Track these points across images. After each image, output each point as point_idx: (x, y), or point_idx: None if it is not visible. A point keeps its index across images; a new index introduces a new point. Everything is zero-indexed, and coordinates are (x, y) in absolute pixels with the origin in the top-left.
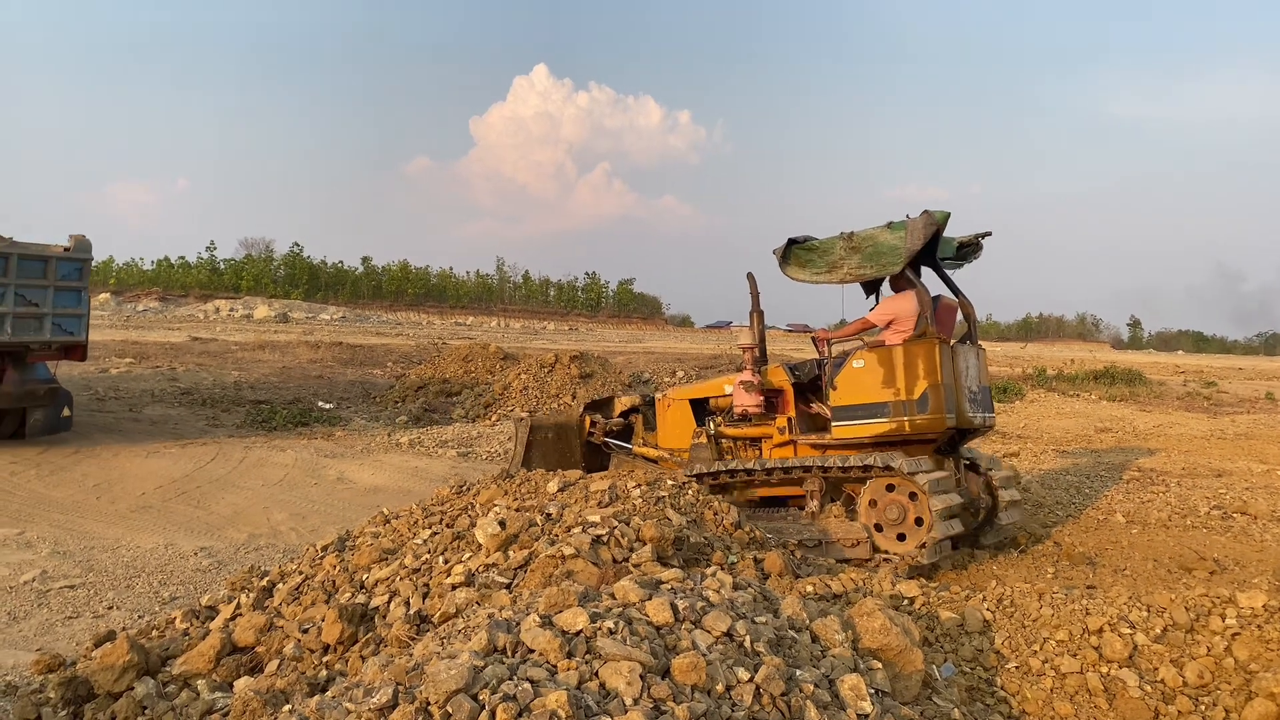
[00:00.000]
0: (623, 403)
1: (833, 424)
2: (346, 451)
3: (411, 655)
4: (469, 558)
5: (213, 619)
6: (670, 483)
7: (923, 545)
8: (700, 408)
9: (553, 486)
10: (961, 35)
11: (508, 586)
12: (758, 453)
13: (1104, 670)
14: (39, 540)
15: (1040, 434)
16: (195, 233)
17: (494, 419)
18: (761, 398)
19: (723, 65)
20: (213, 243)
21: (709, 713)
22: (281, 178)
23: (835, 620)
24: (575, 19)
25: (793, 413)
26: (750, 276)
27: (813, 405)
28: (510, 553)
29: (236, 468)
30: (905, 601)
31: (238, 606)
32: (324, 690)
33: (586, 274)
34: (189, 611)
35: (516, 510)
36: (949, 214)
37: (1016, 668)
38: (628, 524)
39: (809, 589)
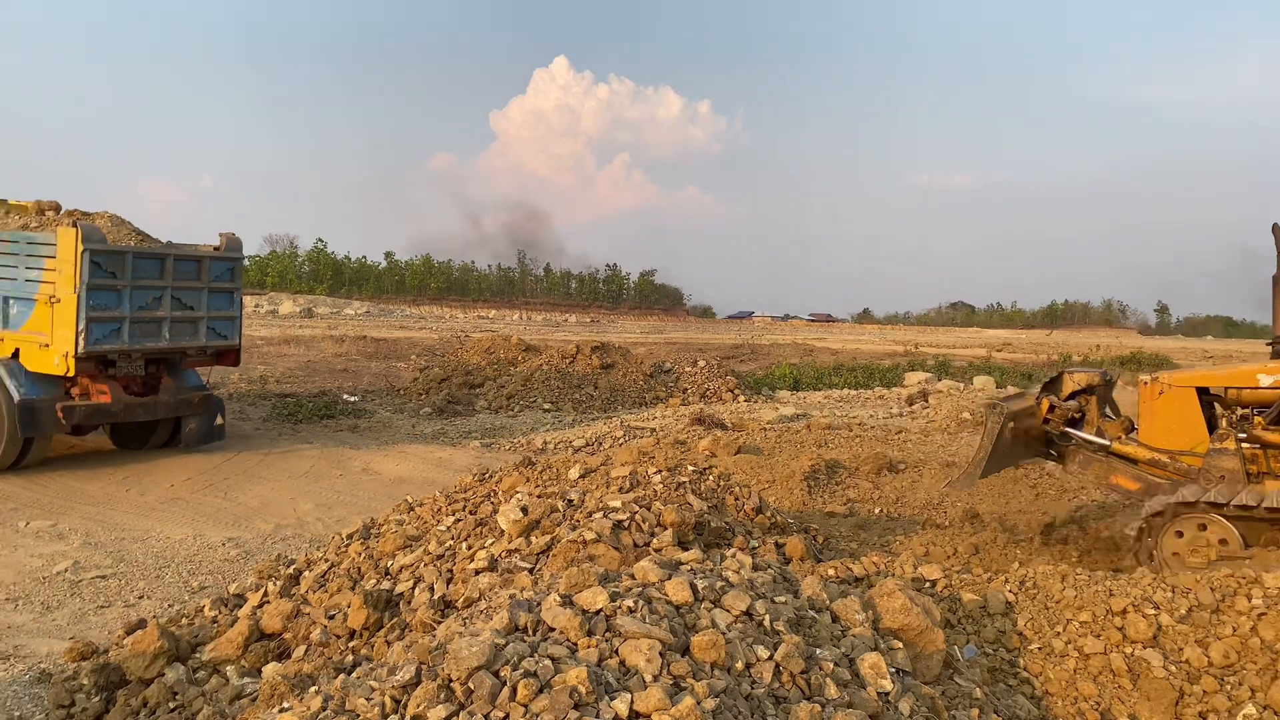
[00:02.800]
0: (1075, 380)
1: None
2: (371, 443)
3: (435, 636)
4: (492, 544)
5: (241, 607)
6: (691, 468)
7: None
8: (1205, 399)
9: (574, 473)
10: (983, 20)
11: (530, 571)
12: None
13: (1128, 651)
14: (71, 532)
15: None
16: (220, 229)
17: (517, 410)
18: None
19: (743, 54)
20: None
21: (729, 689)
22: (305, 175)
23: (855, 601)
24: (595, 10)
25: None
26: (1276, 228)
27: None
28: (532, 538)
29: (263, 460)
30: (927, 584)
31: (265, 594)
32: (350, 674)
33: (607, 266)
34: (217, 600)
35: (538, 497)
36: None
37: (1039, 649)
38: (648, 509)
39: (830, 572)
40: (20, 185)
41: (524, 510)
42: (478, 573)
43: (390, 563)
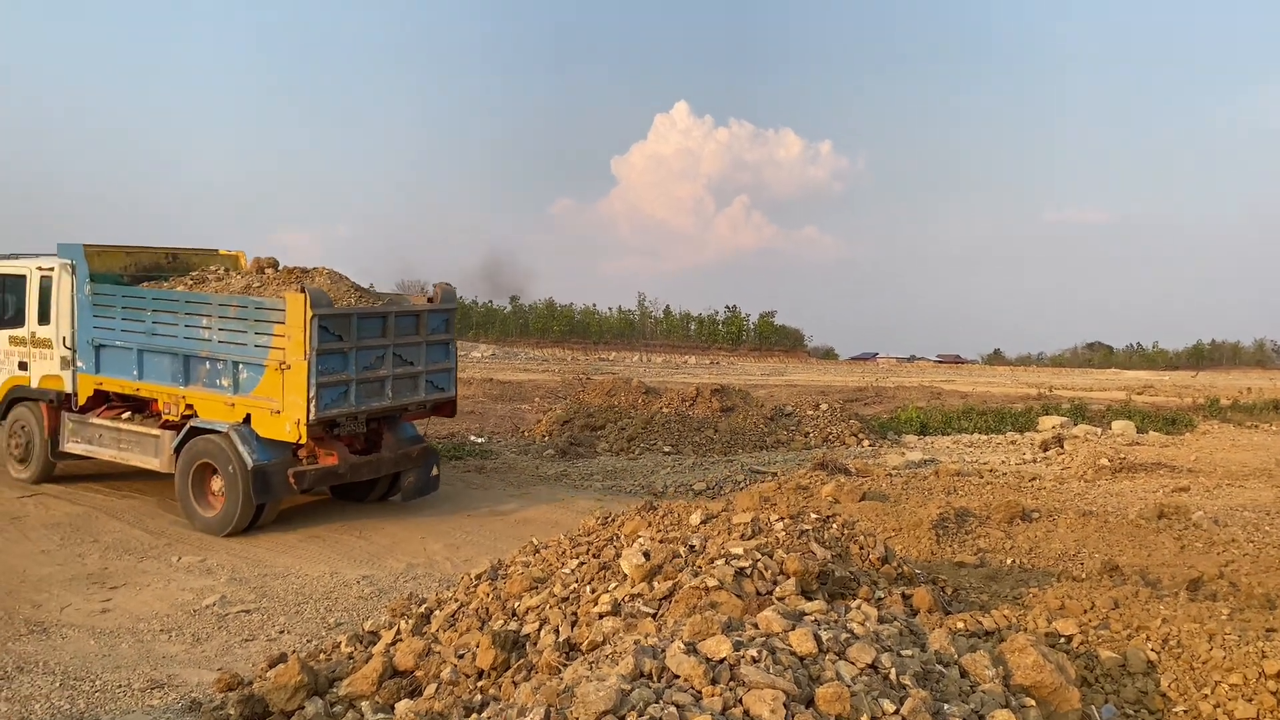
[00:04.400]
0: None
1: None
2: (497, 484)
3: (562, 679)
4: (615, 587)
5: (375, 644)
6: (814, 516)
7: None
8: None
9: (695, 519)
10: (1115, 47)
11: (653, 616)
12: None
13: None
14: (218, 567)
15: (1213, 467)
16: (355, 276)
17: (637, 453)
18: None
19: (866, 93)
20: (372, 285)
21: None
22: (433, 222)
23: (985, 655)
24: (716, 56)
25: None
26: None
27: None
28: (655, 583)
29: (394, 500)
30: (1062, 639)
31: (398, 632)
32: (479, 713)
33: (727, 307)
34: (353, 636)
35: (660, 542)
36: None
37: (1185, 712)
38: (771, 556)
39: (959, 625)
40: (175, 233)
41: (646, 555)
42: (601, 616)
43: (517, 604)
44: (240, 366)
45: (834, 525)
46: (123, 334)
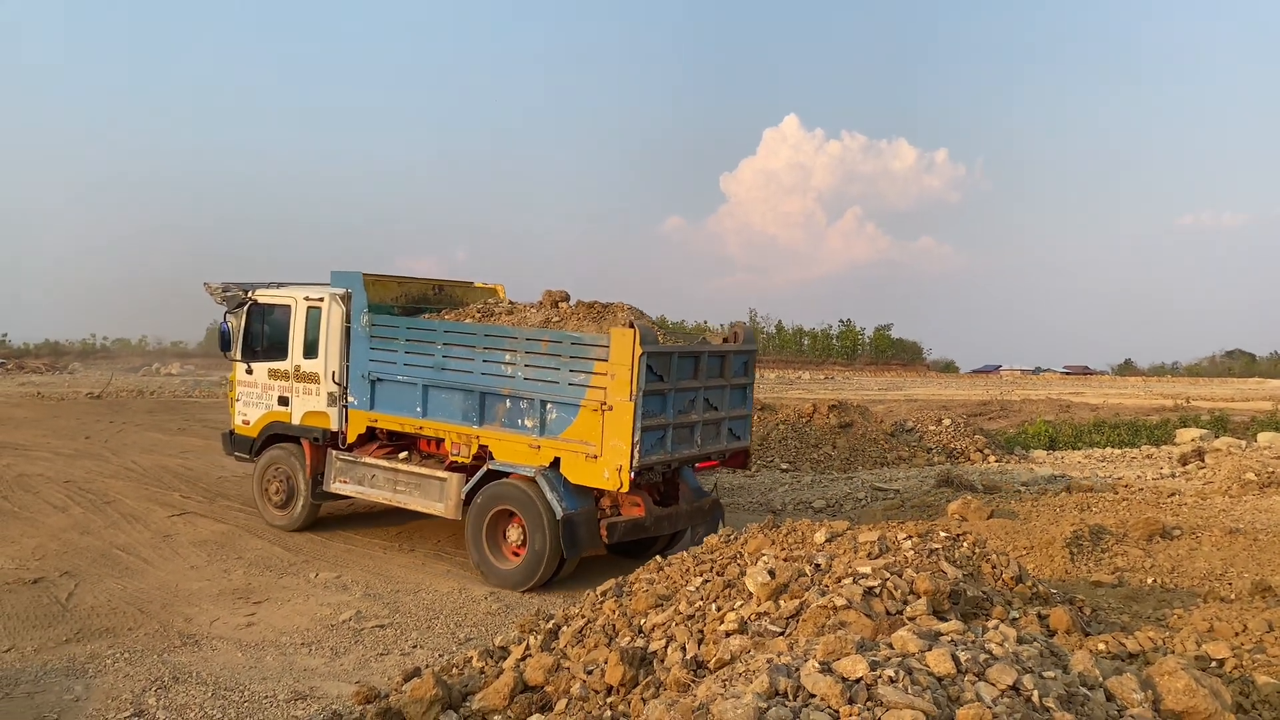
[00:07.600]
0: None
1: None
2: None
3: (695, 696)
4: (740, 606)
5: (505, 659)
6: (943, 534)
7: None
8: None
9: (820, 537)
10: (1254, 37)
11: (781, 635)
12: None
13: None
14: (353, 583)
15: None
16: None
17: (753, 469)
18: None
19: (980, 98)
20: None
21: None
22: (551, 245)
23: (1132, 679)
24: (826, 68)
25: None
26: None
27: None
28: (781, 602)
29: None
30: (1213, 663)
31: (527, 648)
32: None
33: (841, 321)
34: (484, 651)
35: (785, 560)
36: None
37: None
38: (900, 576)
39: (1101, 647)
40: (293, 264)
41: (771, 573)
42: (728, 634)
43: (643, 621)
44: (549, 406)
45: (964, 543)
46: (405, 368)
